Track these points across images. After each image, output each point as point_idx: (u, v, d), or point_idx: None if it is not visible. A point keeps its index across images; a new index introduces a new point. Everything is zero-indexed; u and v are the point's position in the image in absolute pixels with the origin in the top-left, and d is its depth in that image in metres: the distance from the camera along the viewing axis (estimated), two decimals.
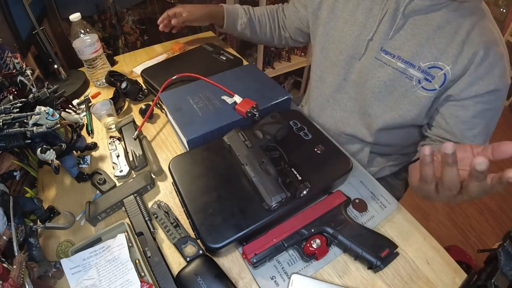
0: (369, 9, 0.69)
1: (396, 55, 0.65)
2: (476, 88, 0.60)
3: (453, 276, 0.51)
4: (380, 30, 0.66)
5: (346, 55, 0.74)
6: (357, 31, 0.71)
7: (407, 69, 0.64)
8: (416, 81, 0.64)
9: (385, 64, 0.67)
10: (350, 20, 0.72)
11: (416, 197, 1.79)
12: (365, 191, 0.62)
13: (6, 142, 0.49)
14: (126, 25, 1.53)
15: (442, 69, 0.61)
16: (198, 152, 0.61)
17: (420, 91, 0.64)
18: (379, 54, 0.68)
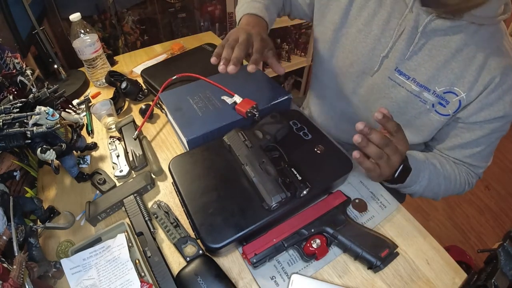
0: (386, 22, 0.63)
1: (411, 77, 0.62)
2: (484, 114, 0.59)
3: (453, 276, 0.51)
4: (397, 48, 0.62)
5: (358, 68, 0.70)
6: (371, 44, 0.66)
7: (421, 92, 0.62)
8: (430, 105, 0.62)
9: (398, 85, 0.64)
10: (364, 31, 0.66)
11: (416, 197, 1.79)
12: (365, 191, 0.62)
13: (6, 142, 0.49)
14: (126, 25, 1.53)
15: (457, 95, 0.59)
16: (198, 152, 0.61)
17: (433, 114, 0.63)
18: (393, 74, 0.64)
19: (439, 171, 0.63)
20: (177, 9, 1.64)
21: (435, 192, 0.65)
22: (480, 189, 1.85)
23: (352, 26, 0.69)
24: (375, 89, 0.69)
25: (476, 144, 0.63)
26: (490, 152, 0.67)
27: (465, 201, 1.78)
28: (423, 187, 0.61)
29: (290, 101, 0.75)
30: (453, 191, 0.67)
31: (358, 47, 0.68)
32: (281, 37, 2.09)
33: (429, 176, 0.61)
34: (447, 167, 0.65)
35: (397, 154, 0.49)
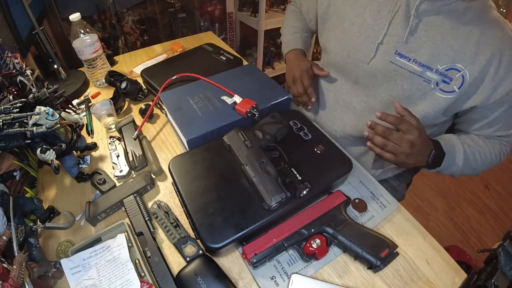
0: (377, 11, 0.68)
1: (412, 59, 0.65)
2: (501, 90, 0.61)
3: (453, 276, 0.51)
4: (393, 33, 0.66)
5: (354, 58, 0.73)
6: (365, 33, 0.70)
7: (424, 72, 0.64)
8: (434, 83, 0.64)
9: (400, 68, 0.67)
10: (357, 22, 0.71)
11: (416, 197, 1.79)
12: (365, 191, 0.62)
13: (6, 142, 0.49)
14: (126, 25, 1.53)
15: (460, 70, 0.61)
16: (198, 152, 0.61)
17: (439, 93, 0.64)
18: (394, 58, 0.67)
19: (473, 148, 0.67)
20: (177, 9, 1.64)
21: (474, 167, 0.69)
22: (480, 189, 1.85)
23: (346, 21, 0.74)
24: (378, 75, 0.71)
25: (501, 118, 0.66)
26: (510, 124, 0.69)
27: (465, 201, 1.78)
28: (460, 166, 0.67)
29: (290, 101, 0.75)
30: (491, 163, 0.71)
31: (352, 37, 0.73)
32: None
33: (464, 156, 0.66)
34: (480, 142, 0.69)
35: (405, 141, 0.57)
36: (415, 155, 0.60)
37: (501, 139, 0.70)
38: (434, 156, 0.62)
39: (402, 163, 0.60)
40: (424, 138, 0.60)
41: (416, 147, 0.58)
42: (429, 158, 0.62)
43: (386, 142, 0.58)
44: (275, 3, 1.94)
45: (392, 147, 0.58)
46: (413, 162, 0.61)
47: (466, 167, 0.67)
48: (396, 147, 0.58)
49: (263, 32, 1.83)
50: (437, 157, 0.63)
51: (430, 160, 0.62)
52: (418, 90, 0.66)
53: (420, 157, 0.61)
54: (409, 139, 0.58)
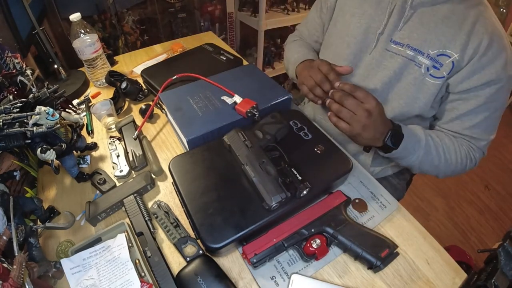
0: (378, 2, 0.69)
1: (405, 44, 0.66)
2: (477, 78, 0.61)
3: (453, 276, 0.51)
4: (390, 22, 0.67)
5: (354, 48, 0.74)
6: (366, 24, 0.71)
7: (416, 56, 0.65)
8: (425, 68, 0.65)
9: (395, 54, 0.68)
10: (358, 13, 0.72)
11: (416, 197, 1.79)
12: (365, 191, 0.62)
13: (6, 142, 0.49)
14: (126, 25, 1.53)
15: (450, 56, 0.62)
16: (198, 152, 0.61)
17: (429, 78, 0.65)
18: (389, 45, 0.68)
19: (437, 143, 0.66)
20: (177, 9, 1.64)
21: (435, 165, 0.67)
22: (480, 189, 1.85)
23: (346, 13, 0.75)
24: (374, 63, 0.72)
25: (474, 115, 0.65)
26: (490, 125, 0.68)
27: (465, 201, 1.78)
28: (420, 157, 0.65)
29: (290, 101, 0.75)
30: (456, 167, 0.68)
31: (353, 28, 0.73)
32: (281, 37, 2.10)
33: (425, 147, 0.64)
34: (446, 140, 0.67)
35: (361, 109, 0.57)
36: (371, 128, 0.58)
37: (471, 141, 0.69)
38: (392, 136, 0.60)
39: (358, 135, 0.59)
40: (382, 113, 0.59)
41: (373, 117, 0.57)
42: (386, 137, 0.60)
43: (341, 108, 0.58)
44: (275, 3, 1.94)
45: (347, 114, 0.57)
46: (369, 136, 0.59)
47: (426, 161, 0.65)
48: (351, 114, 0.57)
49: (263, 32, 1.83)
50: (395, 138, 0.61)
51: (387, 139, 0.60)
52: (409, 74, 0.67)
53: (377, 133, 0.59)
54: (366, 107, 0.57)
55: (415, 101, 0.68)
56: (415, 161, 0.66)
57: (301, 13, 1.89)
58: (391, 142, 0.61)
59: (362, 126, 0.57)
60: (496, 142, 0.70)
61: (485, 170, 1.91)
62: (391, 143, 0.61)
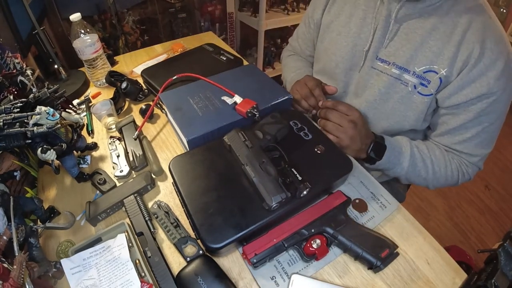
0: (363, 19, 0.67)
1: (391, 62, 0.64)
2: (466, 92, 0.57)
3: (453, 276, 0.51)
4: (375, 39, 0.65)
5: (343, 67, 0.73)
6: (352, 42, 0.70)
7: (401, 75, 0.63)
8: (412, 86, 0.63)
9: (381, 72, 0.66)
10: (344, 32, 0.71)
11: (416, 197, 1.79)
12: (365, 191, 0.62)
13: (7, 142, 0.49)
14: (127, 25, 1.53)
15: (437, 72, 0.59)
16: (198, 152, 0.61)
17: (416, 96, 0.63)
18: (375, 63, 0.67)
19: (425, 154, 0.65)
20: (177, 9, 1.65)
21: (423, 177, 0.66)
22: (480, 189, 1.85)
23: (332, 31, 0.74)
24: (361, 82, 0.71)
25: (464, 130, 0.63)
26: (485, 140, 0.64)
27: (465, 201, 1.78)
28: (405, 169, 0.65)
29: (290, 101, 0.75)
30: (446, 179, 0.67)
31: (340, 47, 0.72)
32: (281, 37, 2.10)
33: (411, 158, 0.64)
34: (436, 152, 0.66)
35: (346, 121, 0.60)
36: (358, 139, 0.60)
37: (462, 156, 0.66)
38: (373, 147, 0.62)
39: (347, 147, 0.61)
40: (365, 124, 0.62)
41: (358, 127, 0.59)
42: (369, 148, 0.62)
43: (327, 122, 0.62)
44: (275, 3, 1.94)
45: (333, 127, 0.61)
46: (356, 147, 0.61)
47: (412, 172, 0.65)
48: (337, 127, 0.60)
49: (263, 32, 1.84)
50: (377, 149, 0.63)
51: (370, 151, 0.62)
52: (395, 94, 0.65)
53: (362, 144, 0.61)
54: (350, 119, 0.59)
55: (404, 119, 0.67)
56: (400, 172, 0.66)
57: (301, 13, 1.89)
58: (373, 154, 0.63)
59: (350, 138, 0.60)
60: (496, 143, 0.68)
61: (485, 170, 1.89)
62: (373, 155, 0.63)
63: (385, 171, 0.68)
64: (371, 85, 0.69)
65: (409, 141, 0.66)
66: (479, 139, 0.63)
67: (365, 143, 0.62)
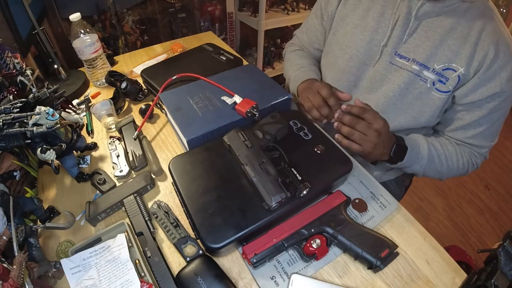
0: (381, 14, 0.68)
1: (411, 58, 0.65)
2: (482, 91, 0.61)
3: (453, 276, 0.51)
4: (394, 35, 0.66)
5: (357, 61, 0.73)
6: (369, 36, 0.70)
7: (421, 71, 0.65)
8: (431, 83, 0.64)
9: (400, 68, 0.67)
10: (360, 25, 0.71)
11: (416, 197, 1.79)
12: (365, 191, 0.62)
13: (6, 142, 0.49)
14: (126, 25, 1.53)
15: (456, 71, 0.61)
16: (198, 152, 0.61)
17: (435, 92, 0.65)
18: (394, 59, 0.67)
19: (440, 151, 0.67)
20: (177, 9, 1.64)
21: (438, 171, 0.69)
22: (480, 189, 1.85)
23: (348, 24, 0.74)
24: (377, 77, 0.71)
25: (477, 125, 0.66)
26: (493, 132, 0.68)
27: (465, 201, 1.78)
28: (423, 166, 0.67)
29: (290, 101, 0.75)
30: (457, 171, 0.70)
31: (356, 41, 0.72)
32: (281, 37, 2.10)
33: (428, 155, 0.66)
34: (449, 147, 0.69)
35: (371, 130, 0.58)
36: (381, 146, 0.60)
37: (473, 148, 0.70)
38: (396, 149, 0.63)
39: (369, 154, 0.61)
40: (388, 131, 0.61)
41: (382, 136, 0.59)
42: (391, 151, 0.63)
43: (353, 131, 0.59)
44: (275, 3, 1.94)
45: (359, 136, 0.59)
46: (379, 153, 0.62)
47: (429, 168, 0.68)
48: (363, 136, 0.59)
49: (263, 32, 1.83)
50: (399, 150, 0.64)
51: (392, 153, 0.63)
52: (414, 89, 0.67)
53: (385, 148, 0.62)
54: (375, 128, 0.58)
55: (421, 115, 0.68)
56: (419, 169, 0.68)
57: (301, 13, 1.89)
58: (396, 155, 0.64)
59: (373, 146, 0.59)
60: (497, 142, 0.70)
61: (485, 170, 1.91)
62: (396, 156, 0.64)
63: (404, 169, 0.70)
64: (389, 80, 0.69)
65: (425, 139, 0.68)
66: (488, 132, 0.67)
67: (388, 147, 0.63)
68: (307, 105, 0.70)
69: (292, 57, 0.91)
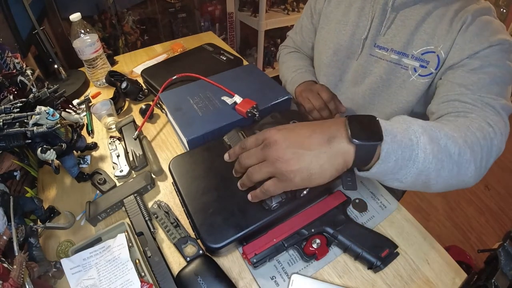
0: (361, 8, 0.70)
1: (389, 48, 0.66)
2: (468, 51, 0.56)
3: (453, 276, 0.51)
4: (372, 27, 0.68)
5: (341, 55, 0.75)
6: (350, 30, 0.71)
7: (401, 59, 0.65)
8: (412, 69, 0.65)
9: (380, 59, 0.68)
10: (343, 21, 0.73)
11: (416, 197, 1.79)
12: (365, 191, 0.62)
13: (7, 142, 0.49)
14: (126, 25, 1.53)
15: (434, 51, 0.61)
16: (198, 152, 0.61)
17: (417, 78, 0.65)
18: (373, 51, 0.69)
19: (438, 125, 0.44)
20: (177, 9, 1.65)
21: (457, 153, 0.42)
22: (480, 189, 1.85)
23: (332, 21, 0.76)
24: (360, 70, 0.72)
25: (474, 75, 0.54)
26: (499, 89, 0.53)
27: (465, 201, 1.78)
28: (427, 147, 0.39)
29: (290, 101, 0.75)
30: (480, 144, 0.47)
31: (338, 35, 0.74)
32: (281, 37, 2.10)
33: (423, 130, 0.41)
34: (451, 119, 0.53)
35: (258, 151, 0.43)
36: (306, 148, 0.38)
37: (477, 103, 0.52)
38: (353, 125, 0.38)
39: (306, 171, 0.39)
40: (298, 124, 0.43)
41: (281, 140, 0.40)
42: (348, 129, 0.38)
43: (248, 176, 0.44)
44: (275, 3, 1.94)
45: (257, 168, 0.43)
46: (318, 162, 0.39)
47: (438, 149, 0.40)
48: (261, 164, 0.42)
49: (263, 32, 1.84)
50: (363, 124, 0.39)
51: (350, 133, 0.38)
52: (397, 78, 0.67)
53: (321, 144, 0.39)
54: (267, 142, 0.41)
55: (407, 104, 0.68)
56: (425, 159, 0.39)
57: (301, 13, 1.89)
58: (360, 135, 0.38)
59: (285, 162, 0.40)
60: None
61: None
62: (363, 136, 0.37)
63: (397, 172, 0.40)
64: (371, 72, 0.71)
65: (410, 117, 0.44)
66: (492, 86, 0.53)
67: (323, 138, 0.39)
68: (308, 106, 0.70)
69: (288, 59, 0.91)
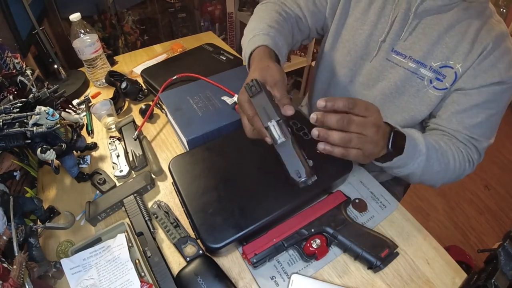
0: (381, 9, 0.67)
1: (408, 56, 0.64)
2: (479, 81, 0.59)
3: (453, 276, 0.51)
4: (392, 31, 0.65)
5: (355, 55, 0.72)
6: (368, 30, 0.69)
7: (418, 69, 0.64)
8: (428, 81, 0.64)
9: (396, 65, 0.66)
10: (361, 19, 0.70)
11: (416, 197, 1.79)
12: (365, 191, 0.62)
13: (6, 142, 0.49)
14: (126, 25, 1.53)
15: (453, 67, 0.61)
16: (198, 152, 0.61)
17: (432, 90, 0.64)
18: (390, 55, 0.67)
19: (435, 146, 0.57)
20: (177, 9, 1.65)
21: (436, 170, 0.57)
22: (480, 189, 1.85)
23: (350, 17, 0.72)
24: (374, 73, 0.70)
25: (474, 115, 0.61)
26: (490, 128, 0.64)
27: (465, 201, 1.78)
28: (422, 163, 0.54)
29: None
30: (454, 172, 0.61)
31: (355, 35, 0.71)
32: None
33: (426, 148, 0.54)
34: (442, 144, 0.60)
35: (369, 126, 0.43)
36: (381, 140, 0.46)
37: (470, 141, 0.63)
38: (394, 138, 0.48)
39: (370, 155, 0.46)
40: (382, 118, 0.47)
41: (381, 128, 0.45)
42: (389, 141, 0.48)
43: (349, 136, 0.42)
44: None
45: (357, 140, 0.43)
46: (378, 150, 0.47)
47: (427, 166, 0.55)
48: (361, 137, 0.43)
49: None
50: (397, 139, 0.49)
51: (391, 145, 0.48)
52: (411, 87, 0.66)
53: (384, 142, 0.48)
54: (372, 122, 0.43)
55: (418, 114, 0.67)
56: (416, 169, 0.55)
57: None
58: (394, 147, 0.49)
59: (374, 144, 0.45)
60: (496, 142, 0.68)
61: (485, 170, 1.91)
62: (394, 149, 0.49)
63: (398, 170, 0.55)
64: (385, 77, 0.69)
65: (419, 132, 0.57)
66: (486, 126, 0.63)
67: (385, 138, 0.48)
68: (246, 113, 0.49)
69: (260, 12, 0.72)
